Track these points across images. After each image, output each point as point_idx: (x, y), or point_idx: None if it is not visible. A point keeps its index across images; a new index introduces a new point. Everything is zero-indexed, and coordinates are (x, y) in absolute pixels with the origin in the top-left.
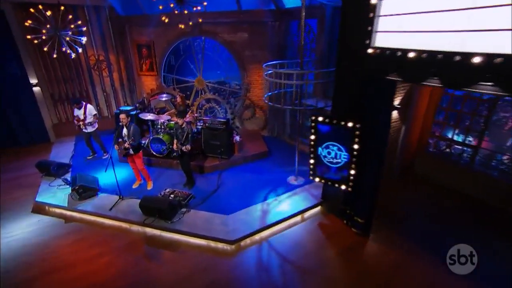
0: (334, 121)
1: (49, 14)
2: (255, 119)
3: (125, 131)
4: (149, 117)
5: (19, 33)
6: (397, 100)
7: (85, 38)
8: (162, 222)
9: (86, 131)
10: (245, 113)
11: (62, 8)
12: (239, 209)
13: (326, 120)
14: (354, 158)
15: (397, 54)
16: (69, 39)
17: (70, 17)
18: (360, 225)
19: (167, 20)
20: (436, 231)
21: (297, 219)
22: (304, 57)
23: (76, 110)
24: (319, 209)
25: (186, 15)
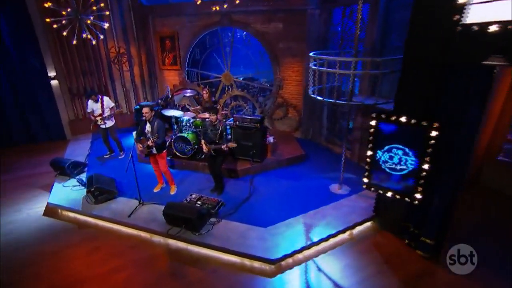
0: (403, 119)
1: None
2: (287, 119)
3: (148, 127)
4: (173, 113)
5: (38, 22)
6: None
7: (107, 24)
8: (189, 233)
9: (104, 126)
10: (276, 113)
11: None
12: (277, 221)
13: (392, 118)
14: (426, 165)
15: (509, 27)
16: (90, 23)
17: (92, 0)
18: (428, 247)
19: (199, 1)
20: None
21: (345, 236)
22: (349, 48)
23: (91, 104)
24: (370, 224)
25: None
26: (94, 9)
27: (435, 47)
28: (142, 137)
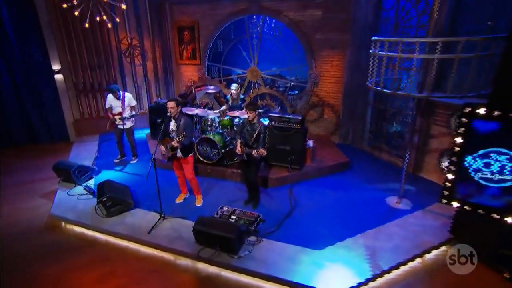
0: None
1: None
2: (322, 121)
3: (172, 125)
4: (197, 111)
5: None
6: None
7: (124, 5)
8: (224, 256)
9: (122, 127)
10: (310, 113)
11: None
12: (331, 241)
13: (495, 113)
14: None
15: None
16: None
17: None
18: None
19: None
20: None
21: (417, 263)
22: (406, 36)
23: (111, 99)
24: (445, 249)
25: None
26: None
27: None
28: (165, 137)
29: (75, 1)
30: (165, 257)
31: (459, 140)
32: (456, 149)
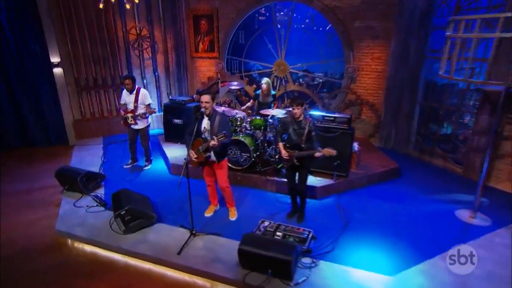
0: None
1: None
2: (359, 122)
3: (205, 123)
4: (223, 109)
5: None
6: None
7: None
8: (277, 282)
9: (134, 127)
10: (345, 113)
11: None
12: (402, 264)
13: None
14: None
15: None
16: None
17: None
18: None
19: None
20: None
21: None
22: None
23: (126, 95)
24: None
25: None
26: None
27: None
28: (196, 138)
29: None
30: (198, 283)
31: None
32: None
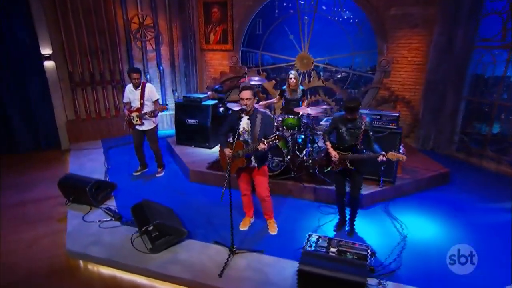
0: None
1: None
2: None
3: (245, 123)
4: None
5: None
6: None
7: None
8: None
9: (140, 128)
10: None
11: None
12: (486, 286)
13: None
14: None
15: None
16: None
17: None
18: None
19: None
20: None
21: None
22: None
23: (129, 91)
24: None
25: None
26: None
27: None
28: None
29: None
30: None
31: None
32: None
